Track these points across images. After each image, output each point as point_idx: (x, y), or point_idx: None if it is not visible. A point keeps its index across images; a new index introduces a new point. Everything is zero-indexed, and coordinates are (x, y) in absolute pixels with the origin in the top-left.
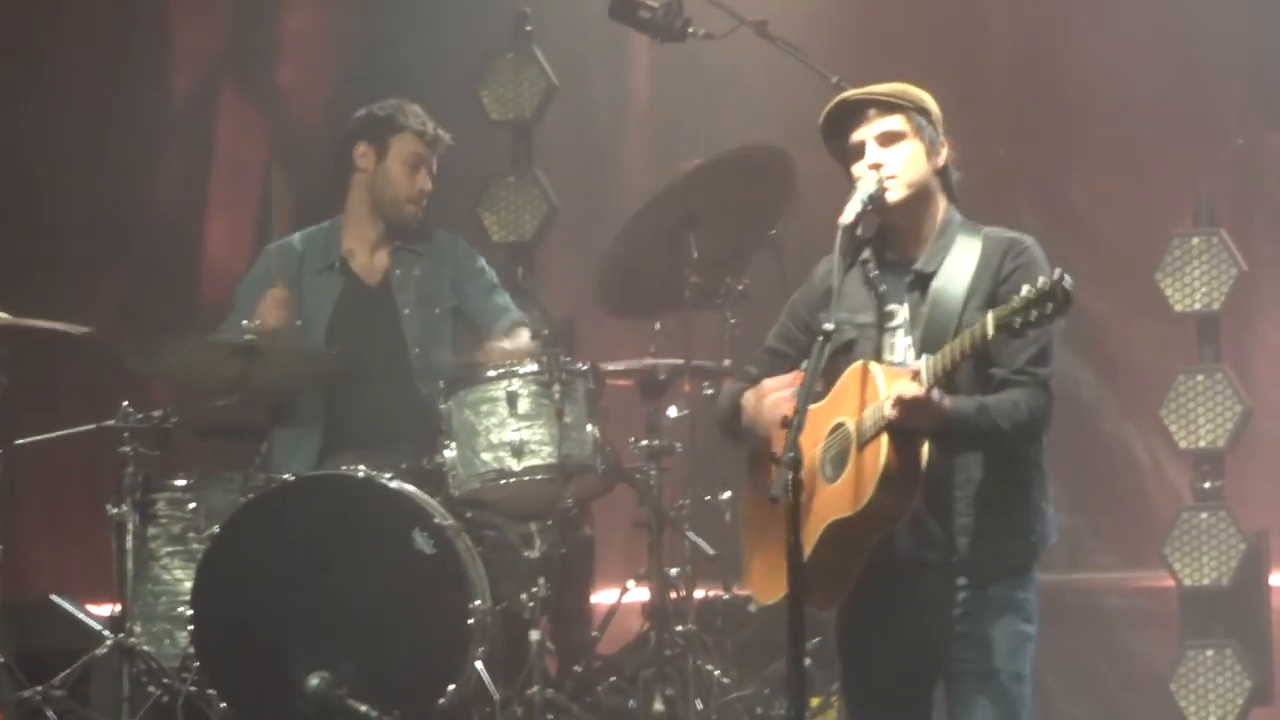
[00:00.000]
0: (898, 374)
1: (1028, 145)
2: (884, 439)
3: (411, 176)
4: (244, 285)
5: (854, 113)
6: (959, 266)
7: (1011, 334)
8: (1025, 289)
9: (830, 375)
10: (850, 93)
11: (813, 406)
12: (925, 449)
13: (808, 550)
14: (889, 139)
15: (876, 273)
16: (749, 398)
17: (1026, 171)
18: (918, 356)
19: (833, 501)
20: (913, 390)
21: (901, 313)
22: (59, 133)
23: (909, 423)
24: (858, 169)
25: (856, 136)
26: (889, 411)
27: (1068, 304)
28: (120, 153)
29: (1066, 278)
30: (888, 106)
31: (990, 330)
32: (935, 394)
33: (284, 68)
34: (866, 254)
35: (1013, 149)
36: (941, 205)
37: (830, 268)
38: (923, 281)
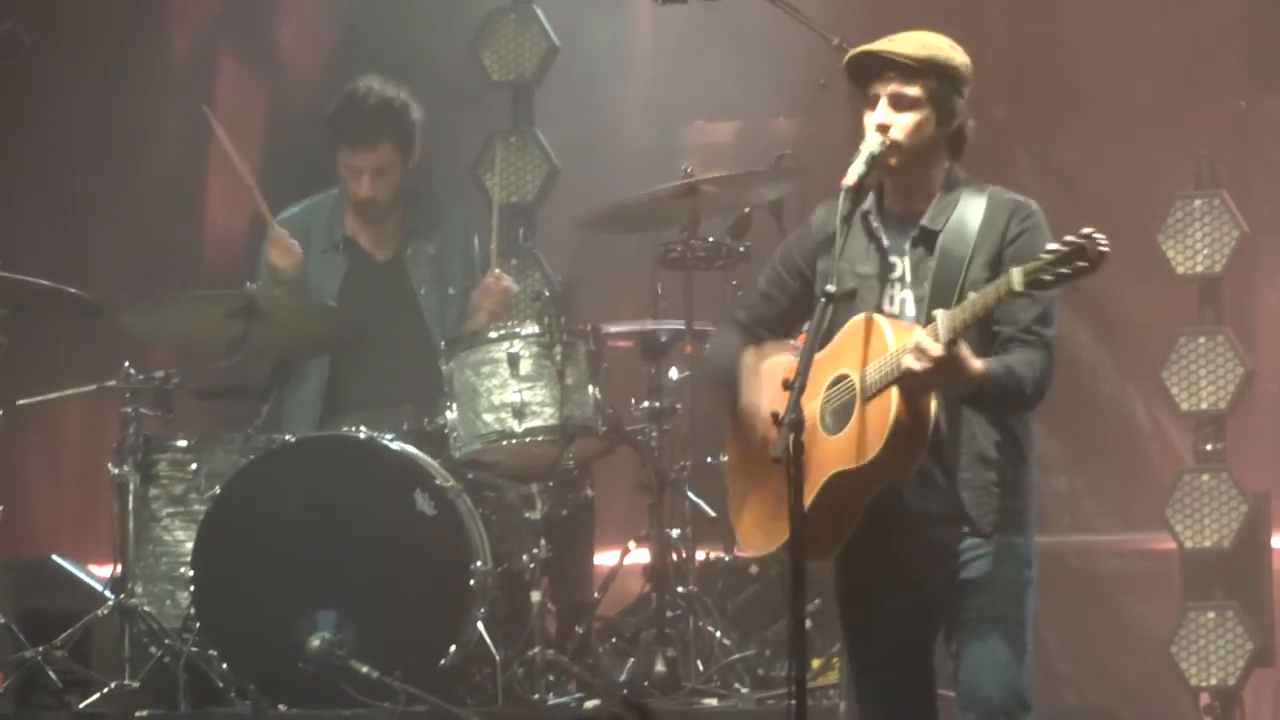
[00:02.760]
0: (906, 328)
1: (1027, 106)
2: (894, 392)
3: (353, 185)
4: (262, 264)
5: (876, 67)
6: (964, 224)
7: (1039, 289)
8: (1054, 245)
9: (830, 324)
10: (877, 46)
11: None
12: (933, 404)
13: (807, 501)
14: (903, 104)
15: (879, 224)
16: (749, 357)
17: (1026, 132)
18: (927, 311)
19: (836, 453)
20: (936, 348)
21: (902, 266)
22: (59, 93)
23: (928, 378)
24: (869, 120)
25: (874, 90)
26: (910, 364)
27: (1101, 261)
28: (120, 113)
29: (1098, 235)
30: (909, 72)
31: (1017, 285)
32: (963, 350)
33: (283, 28)
34: (868, 205)
35: (1012, 110)
36: (946, 161)
37: (826, 216)
38: (928, 237)
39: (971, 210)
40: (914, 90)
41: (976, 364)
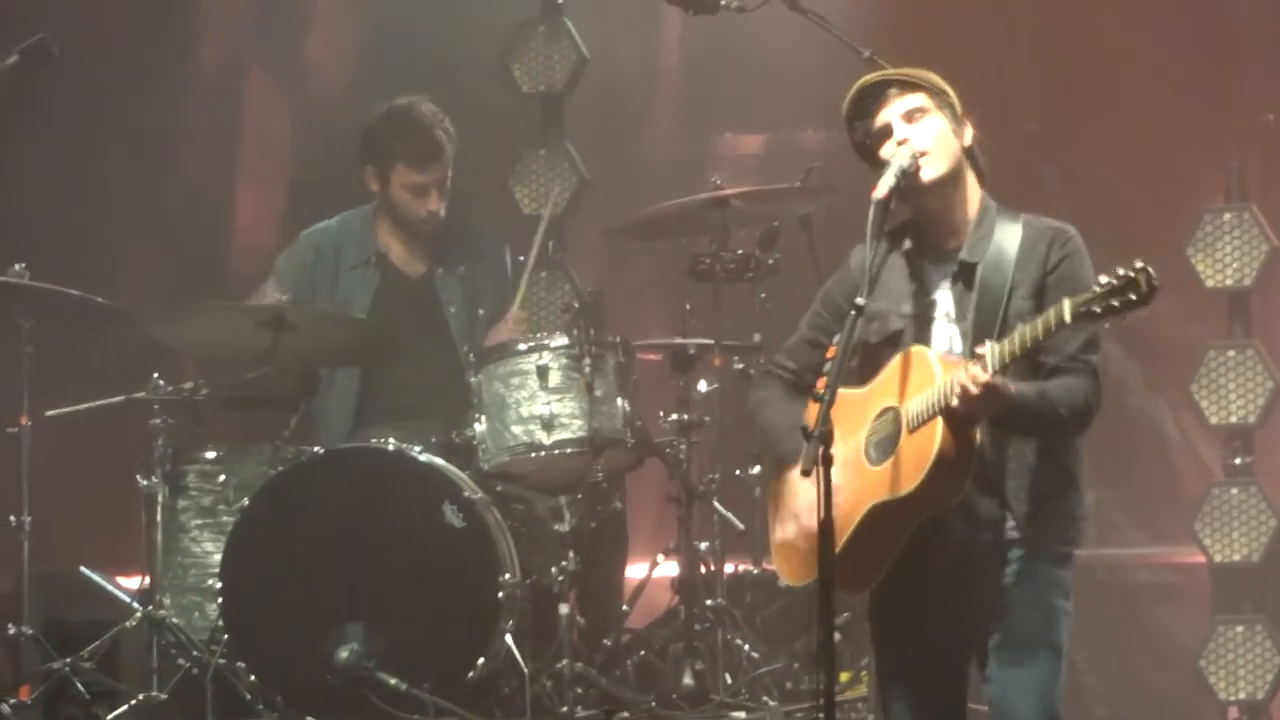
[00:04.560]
0: (954, 361)
1: (1057, 120)
2: (939, 423)
3: (417, 202)
4: (282, 262)
5: (875, 97)
6: (1002, 255)
7: (1089, 321)
8: (1105, 277)
9: (875, 364)
10: (869, 77)
11: (855, 391)
12: (977, 434)
13: (847, 532)
14: (914, 115)
15: (919, 262)
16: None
17: (1056, 146)
18: (973, 345)
19: (878, 484)
20: (983, 378)
21: (944, 301)
22: (88, 104)
23: (975, 410)
24: (887, 149)
25: (882, 118)
26: (955, 400)
27: (1152, 295)
28: (148, 124)
29: (1150, 269)
30: (908, 85)
31: (1068, 317)
32: (999, 379)
33: (311, 40)
34: (908, 244)
35: (1043, 123)
36: (975, 190)
37: (865, 257)
38: (967, 271)
39: (1008, 239)
40: (919, 99)
41: (1010, 388)
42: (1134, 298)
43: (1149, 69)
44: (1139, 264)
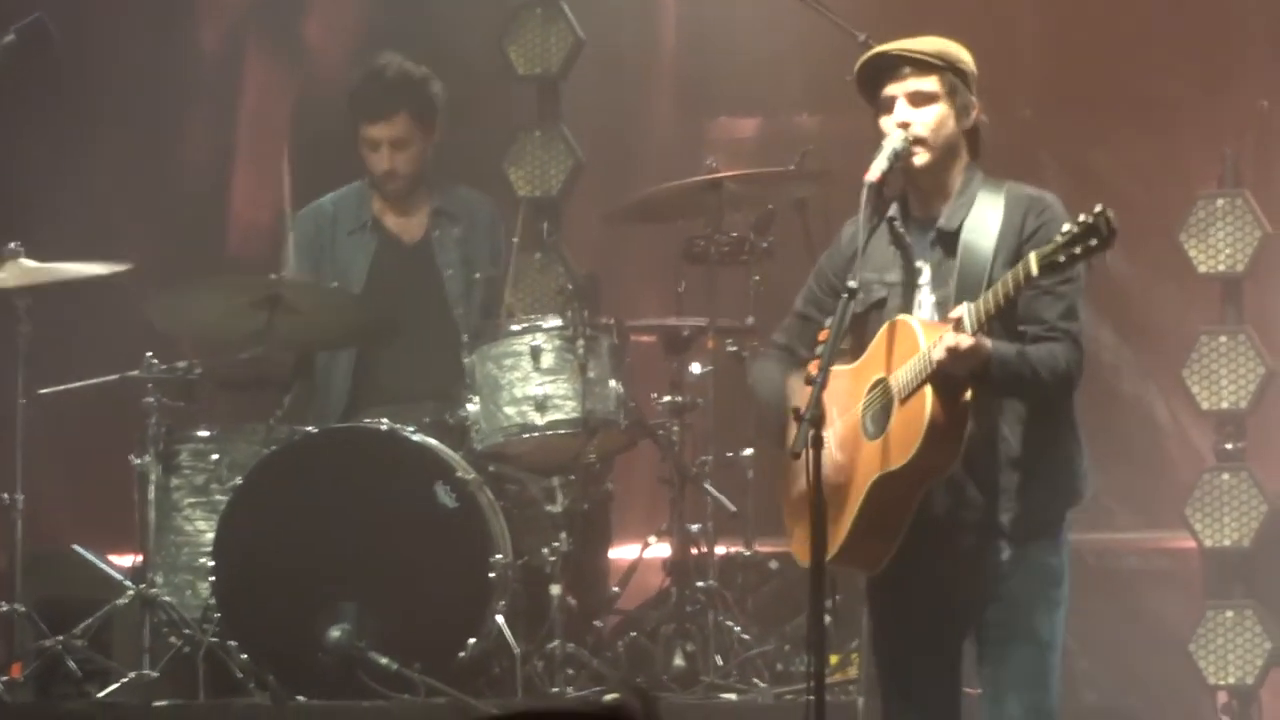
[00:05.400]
0: (936, 327)
1: (1053, 107)
2: (928, 391)
3: (373, 159)
4: (292, 254)
5: (889, 66)
6: (984, 223)
7: (1056, 271)
8: (1067, 225)
9: (861, 334)
10: (888, 46)
11: (848, 366)
12: (968, 399)
13: (854, 509)
14: (920, 99)
15: (903, 231)
16: (795, 382)
17: (1051, 133)
18: (946, 313)
19: (877, 457)
20: (965, 341)
21: (926, 269)
22: (84, 84)
23: (956, 369)
24: (886, 123)
25: (889, 91)
26: (938, 356)
27: (1112, 237)
28: (146, 105)
29: (1109, 211)
30: (924, 66)
31: (1034, 269)
32: (978, 336)
33: (310, 22)
34: (893, 211)
35: (1038, 109)
36: (964, 162)
37: (854, 231)
38: (945, 238)
39: (990, 208)
40: (931, 84)
41: (986, 343)
42: (1095, 242)
43: (1144, 55)
44: (1098, 208)
